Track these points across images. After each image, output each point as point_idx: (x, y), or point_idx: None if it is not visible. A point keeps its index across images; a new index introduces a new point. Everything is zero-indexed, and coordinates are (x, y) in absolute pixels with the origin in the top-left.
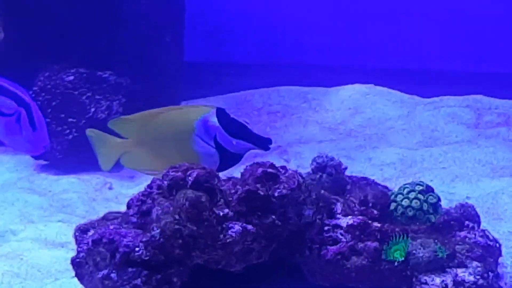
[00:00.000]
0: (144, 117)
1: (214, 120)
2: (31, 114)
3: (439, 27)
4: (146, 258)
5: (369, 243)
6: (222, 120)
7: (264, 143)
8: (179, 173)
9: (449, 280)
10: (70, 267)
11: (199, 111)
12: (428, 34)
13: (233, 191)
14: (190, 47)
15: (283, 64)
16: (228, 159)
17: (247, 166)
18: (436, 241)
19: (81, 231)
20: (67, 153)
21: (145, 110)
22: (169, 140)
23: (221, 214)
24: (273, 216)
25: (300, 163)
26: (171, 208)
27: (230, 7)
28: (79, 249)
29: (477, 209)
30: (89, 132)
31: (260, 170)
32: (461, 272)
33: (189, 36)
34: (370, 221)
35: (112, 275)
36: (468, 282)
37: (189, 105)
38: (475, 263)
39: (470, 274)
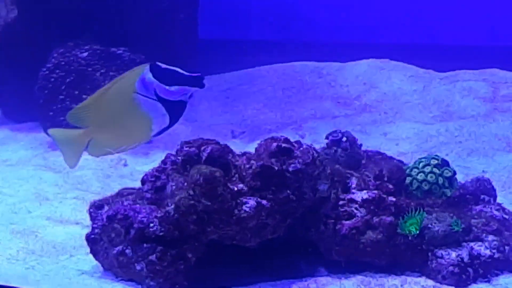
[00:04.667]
0: (94, 99)
1: (149, 76)
2: None
3: (453, 1)
4: (161, 234)
5: (384, 217)
6: (156, 74)
7: (198, 82)
8: (193, 149)
9: (464, 254)
10: (85, 243)
11: (135, 73)
12: (443, 8)
13: (247, 166)
14: (204, 24)
15: (298, 42)
16: (174, 108)
17: (261, 141)
18: (451, 215)
19: (96, 207)
20: None
21: None
22: (120, 111)
23: (236, 189)
24: (288, 191)
25: (315, 138)
26: (186, 184)
27: None
28: (93, 225)
29: (493, 183)
30: (51, 132)
31: (274, 144)
32: (477, 246)
33: (204, 13)
34: (385, 196)
35: (127, 251)
36: (484, 256)
37: (128, 71)
38: (491, 237)
39: (486, 247)
